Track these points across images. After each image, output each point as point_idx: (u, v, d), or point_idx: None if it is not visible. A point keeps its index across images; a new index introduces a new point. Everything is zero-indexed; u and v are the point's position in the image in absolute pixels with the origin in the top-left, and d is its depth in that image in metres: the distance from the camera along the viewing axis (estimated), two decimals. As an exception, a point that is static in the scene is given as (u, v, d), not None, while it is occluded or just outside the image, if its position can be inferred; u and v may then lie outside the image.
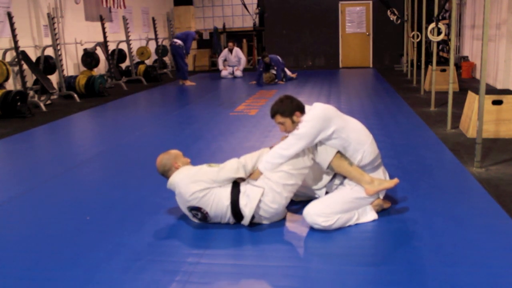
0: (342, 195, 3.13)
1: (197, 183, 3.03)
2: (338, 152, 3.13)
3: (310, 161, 3.12)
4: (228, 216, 3.08)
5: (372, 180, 3.14)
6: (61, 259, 2.79)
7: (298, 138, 3.05)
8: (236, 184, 3.09)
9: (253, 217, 3.06)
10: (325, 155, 3.11)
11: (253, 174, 3.12)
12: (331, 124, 3.07)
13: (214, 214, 3.07)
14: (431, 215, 3.20)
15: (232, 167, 3.09)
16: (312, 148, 3.13)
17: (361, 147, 3.15)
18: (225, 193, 3.05)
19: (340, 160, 3.13)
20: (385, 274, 2.51)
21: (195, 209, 3.07)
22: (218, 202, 3.03)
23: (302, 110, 3.16)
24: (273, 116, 3.20)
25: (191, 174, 3.08)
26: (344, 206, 3.06)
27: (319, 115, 3.10)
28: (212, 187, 3.04)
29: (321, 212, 2.99)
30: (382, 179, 3.22)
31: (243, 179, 3.13)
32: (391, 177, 3.51)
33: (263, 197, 3.03)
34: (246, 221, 3.06)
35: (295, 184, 3.11)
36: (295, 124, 3.12)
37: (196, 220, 3.18)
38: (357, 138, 3.15)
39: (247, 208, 3.02)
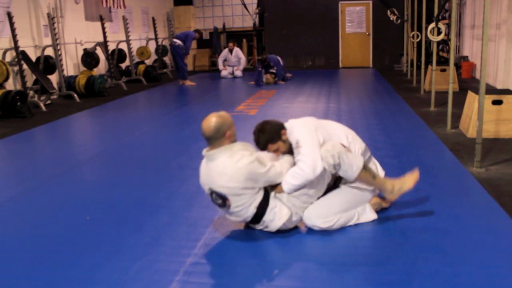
0: (340, 195, 3.12)
1: (245, 181, 2.82)
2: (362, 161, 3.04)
3: (328, 178, 3.04)
4: (244, 219, 2.98)
5: (392, 186, 3.11)
6: (61, 259, 2.79)
7: (310, 145, 2.92)
8: (266, 195, 2.95)
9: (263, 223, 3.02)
10: (351, 171, 2.97)
11: (277, 188, 2.99)
12: (317, 131, 3.03)
13: (234, 211, 2.91)
14: (431, 215, 3.21)
15: (276, 172, 2.94)
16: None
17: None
18: (255, 202, 2.90)
19: (365, 174, 3.03)
20: (385, 274, 2.51)
21: (220, 196, 2.87)
22: (247, 207, 2.89)
23: (283, 126, 3.09)
24: (264, 148, 3.06)
25: (239, 166, 2.81)
26: (342, 206, 3.06)
27: (301, 123, 3.08)
28: (254, 188, 2.87)
29: (320, 214, 2.99)
30: (401, 182, 3.15)
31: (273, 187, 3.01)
32: (390, 177, 3.49)
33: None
34: (259, 227, 3.03)
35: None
36: (286, 142, 3.05)
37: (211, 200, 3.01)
38: (339, 141, 3.06)
39: (273, 223, 2.95)
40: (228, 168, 2.81)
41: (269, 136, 3.02)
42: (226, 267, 2.66)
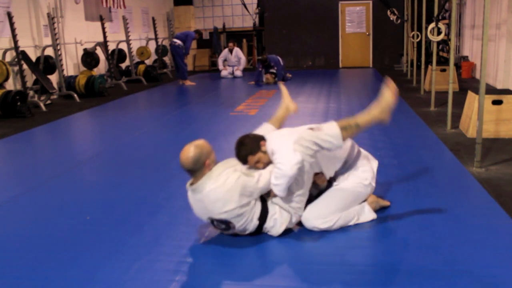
0: (335, 194, 3.11)
1: (240, 198, 2.79)
2: (336, 125, 2.95)
3: (313, 170, 3.01)
4: (249, 232, 2.97)
5: (379, 112, 3.05)
6: (61, 259, 2.79)
7: (282, 146, 2.89)
8: (264, 204, 2.95)
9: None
10: (334, 145, 2.93)
11: (271, 194, 2.98)
12: (292, 135, 3.00)
13: (240, 229, 2.90)
14: (431, 215, 3.21)
15: (266, 178, 2.90)
16: (314, 158, 2.96)
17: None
18: (256, 214, 2.90)
19: (347, 133, 2.94)
20: (384, 274, 2.51)
21: (221, 222, 2.85)
22: (250, 221, 2.88)
23: (262, 138, 3.08)
24: (245, 161, 3.03)
25: (229, 186, 2.77)
26: (339, 204, 3.05)
27: (278, 134, 3.12)
28: (250, 202, 2.85)
29: (318, 214, 2.99)
30: (382, 102, 3.12)
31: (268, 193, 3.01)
32: (390, 177, 3.50)
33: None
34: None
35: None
36: (266, 154, 3.01)
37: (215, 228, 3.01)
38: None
39: (274, 229, 2.95)
40: (219, 193, 2.77)
41: (249, 148, 3.00)
42: (226, 267, 2.66)
